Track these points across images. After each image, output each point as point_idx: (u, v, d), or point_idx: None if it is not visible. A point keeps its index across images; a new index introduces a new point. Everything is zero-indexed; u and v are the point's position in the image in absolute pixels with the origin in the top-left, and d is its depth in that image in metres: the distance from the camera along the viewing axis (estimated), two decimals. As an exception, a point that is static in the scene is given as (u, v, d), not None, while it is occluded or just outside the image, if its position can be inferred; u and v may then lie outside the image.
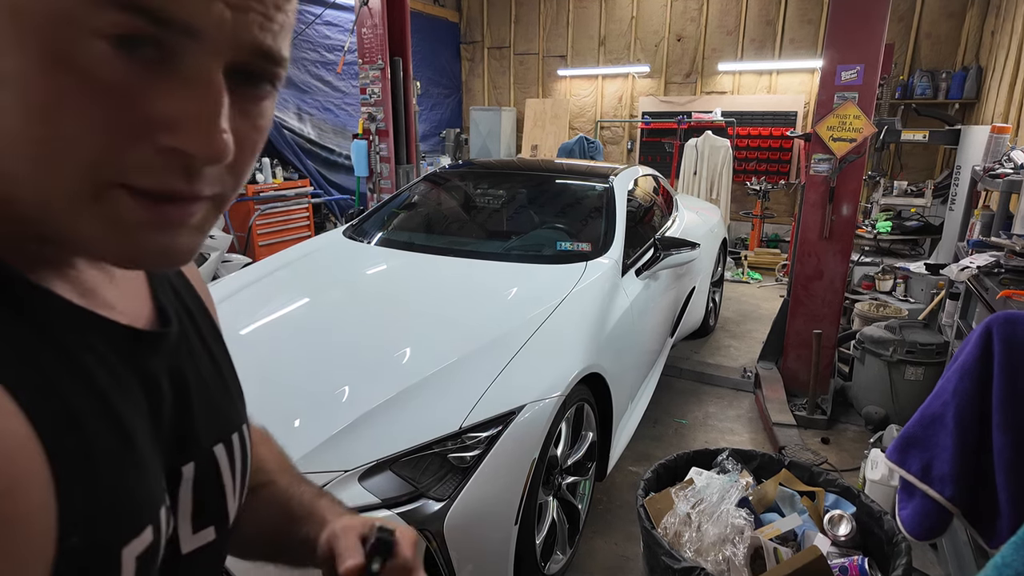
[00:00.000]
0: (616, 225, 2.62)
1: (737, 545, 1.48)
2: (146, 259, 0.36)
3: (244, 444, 0.54)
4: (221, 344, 0.55)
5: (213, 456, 0.49)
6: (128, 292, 0.44)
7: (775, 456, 1.82)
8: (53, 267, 0.38)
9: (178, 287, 0.52)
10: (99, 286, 0.41)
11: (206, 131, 0.32)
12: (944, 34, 6.02)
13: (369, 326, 1.98)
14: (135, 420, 0.39)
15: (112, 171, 0.32)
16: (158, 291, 0.48)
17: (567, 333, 1.97)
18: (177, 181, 0.33)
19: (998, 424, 1.44)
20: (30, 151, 0.31)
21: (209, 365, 0.51)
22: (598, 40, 7.57)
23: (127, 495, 0.37)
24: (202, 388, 0.48)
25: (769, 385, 3.23)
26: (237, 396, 0.55)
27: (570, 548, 1.97)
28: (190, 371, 0.47)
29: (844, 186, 2.98)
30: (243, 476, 0.53)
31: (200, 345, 0.51)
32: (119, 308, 0.42)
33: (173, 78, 0.32)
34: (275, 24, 0.35)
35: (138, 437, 0.39)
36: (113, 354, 0.39)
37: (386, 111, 4.41)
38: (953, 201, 4.25)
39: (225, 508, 0.50)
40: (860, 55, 2.83)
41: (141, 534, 0.37)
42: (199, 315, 0.53)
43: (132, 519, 0.37)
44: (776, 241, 6.75)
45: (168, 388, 0.44)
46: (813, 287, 3.15)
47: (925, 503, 1.58)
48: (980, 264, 2.29)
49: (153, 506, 0.39)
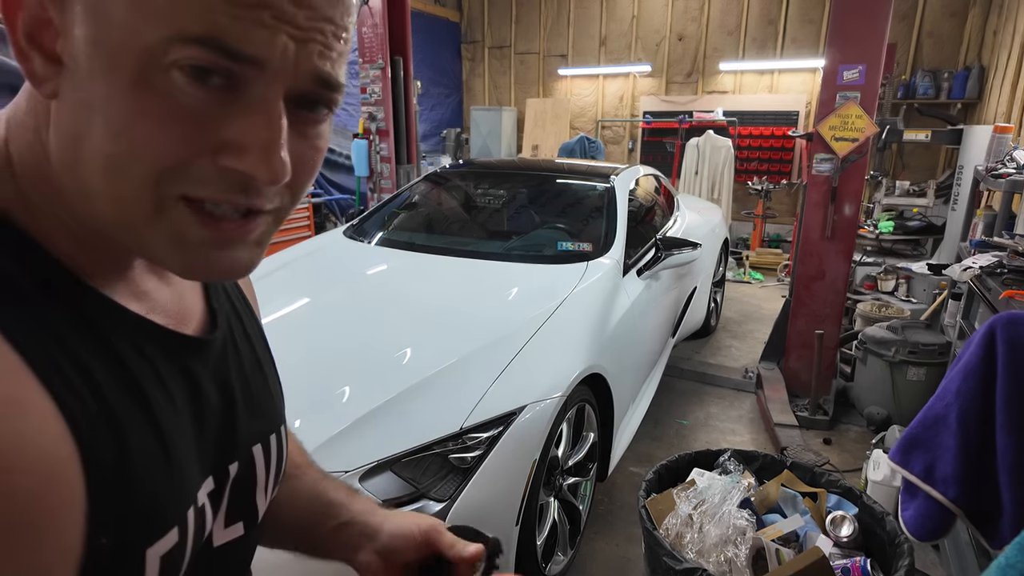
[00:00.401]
0: (617, 225, 2.62)
1: (739, 546, 1.47)
2: (208, 273, 0.39)
3: (281, 444, 0.55)
4: (265, 344, 0.57)
5: (251, 456, 0.51)
6: (183, 296, 0.47)
7: (777, 457, 1.81)
8: (112, 271, 0.40)
9: (230, 289, 0.55)
10: (154, 290, 0.44)
11: (266, 156, 0.35)
12: (946, 33, 6.01)
13: (369, 326, 1.98)
14: (176, 423, 0.41)
15: (174, 186, 0.35)
16: (211, 295, 0.50)
17: (568, 333, 1.96)
18: (236, 196, 0.36)
19: (1001, 425, 1.44)
20: (106, 166, 0.34)
21: (253, 367, 0.53)
22: (599, 39, 7.57)
23: (157, 497, 0.38)
24: (246, 390, 0.51)
25: (771, 386, 3.23)
26: (278, 396, 0.57)
27: (571, 549, 1.97)
28: (235, 374, 0.50)
29: (846, 186, 2.97)
30: (276, 475, 0.55)
31: (247, 347, 0.53)
32: (172, 312, 0.45)
33: (238, 104, 0.34)
34: (334, 52, 0.37)
35: (177, 440, 0.41)
36: (161, 358, 0.41)
37: (386, 111, 4.41)
38: (955, 201, 4.24)
39: (255, 506, 0.52)
40: (862, 54, 2.82)
41: (167, 535, 0.38)
42: (247, 317, 0.55)
43: (159, 521, 0.38)
44: (778, 241, 6.74)
45: (214, 392, 0.46)
46: (815, 287, 3.14)
47: (928, 504, 1.57)
48: (983, 264, 2.28)
49: (181, 508, 0.40)
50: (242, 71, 0.34)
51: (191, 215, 0.36)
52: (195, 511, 0.42)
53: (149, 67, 0.32)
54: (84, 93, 0.33)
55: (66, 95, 0.34)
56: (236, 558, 0.51)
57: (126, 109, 0.33)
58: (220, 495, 0.47)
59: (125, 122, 0.33)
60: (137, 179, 0.34)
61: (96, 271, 0.39)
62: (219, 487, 0.46)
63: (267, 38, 0.33)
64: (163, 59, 0.32)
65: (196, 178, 0.35)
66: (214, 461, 0.46)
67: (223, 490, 0.47)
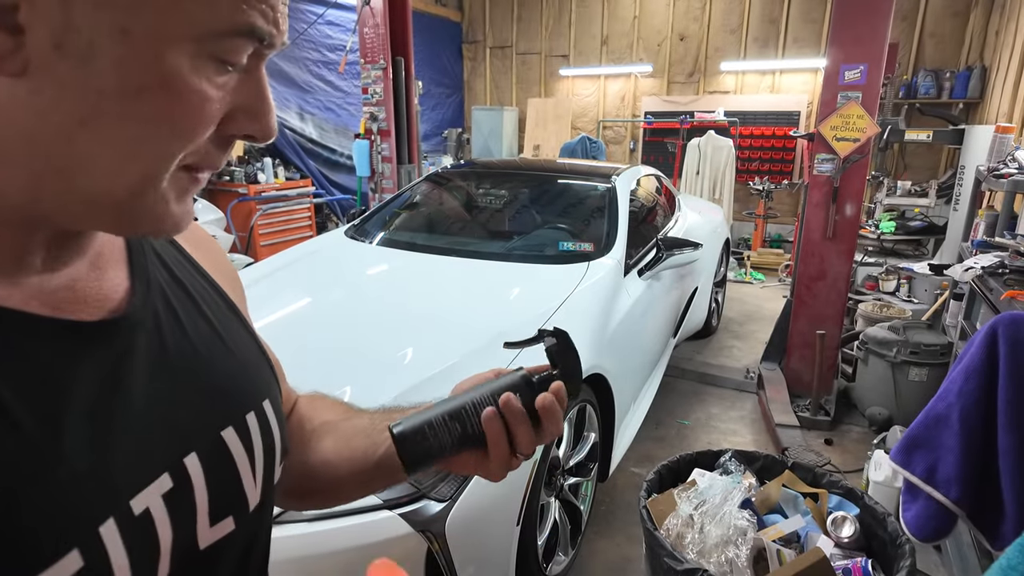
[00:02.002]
0: (618, 225, 2.61)
1: (740, 547, 1.47)
2: (182, 225, 0.39)
3: (265, 421, 0.50)
4: (232, 314, 0.52)
5: (222, 441, 0.45)
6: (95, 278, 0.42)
7: (778, 457, 1.81)
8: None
9: (170, 260, 0.49)
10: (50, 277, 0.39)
11: (264, 118, 0.39)
12: (948, 33, 6.00)
13: (370, 326, 1.98)
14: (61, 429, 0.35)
15: (192, 158, 0.37)
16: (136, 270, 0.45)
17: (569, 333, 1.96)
18: (225, 156, 0.39)
19: (1004, 425, 1.43)
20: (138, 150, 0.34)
21: (208, 342, 0.47)
22: (600, 39, 7.56)
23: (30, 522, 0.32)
24: (193, 369, 0.45)
25: (772, 386, 3.22)
26: (254, 371, 0.51)
27: (572, 549, 1.97)
28: (176, 353, 0.44)
29: (847, 186, 2.97)
30: (267, 456, 0.50)
31: (197, 321, 0.47)
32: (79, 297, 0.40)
33: (242, 78, 0.37)
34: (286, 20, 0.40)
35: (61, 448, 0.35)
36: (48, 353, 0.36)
37: (388, 111, 4.41)
38: (957, 201, 4.24)
39: (242, 495, 0.47)
40: (864, 54, 2.82)
41: (59, 562, 0.33)
42: (195, 285, 0.50)
43: (41, 548, 0.33)
44: (779, 241, 6.73)
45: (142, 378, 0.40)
46: (816, 287, 3.14)
47: (929, 505, 1.57)
48: (984, 264, 2.28)
49: (82, 525, 0.35)
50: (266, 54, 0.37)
51: (188, 177, 0.38)
52: (121, 522, 0.36)
53: (190, 56, 0.33)
54: (102, 79, 0.32)
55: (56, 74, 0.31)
56: (232, 557, 0.46)
57: (164, 97, 0.33)
58: (185, 493, 0.41)
59: (163, 110, 0.34)
60: (168, 159, 0.35)
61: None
62: (180, 484, 0.41)
63: (281, 18, 0.37)
64: (204, 49, 0.34)
65: (208, 148, 0.37)
66: (162, 456, 0.40)
67: (187, 486, 0.41)
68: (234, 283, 0.58)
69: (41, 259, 0.38)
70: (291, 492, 0.62)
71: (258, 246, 5.12)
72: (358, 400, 1.59)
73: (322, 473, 0.62)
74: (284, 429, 0.53)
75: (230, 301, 0.53)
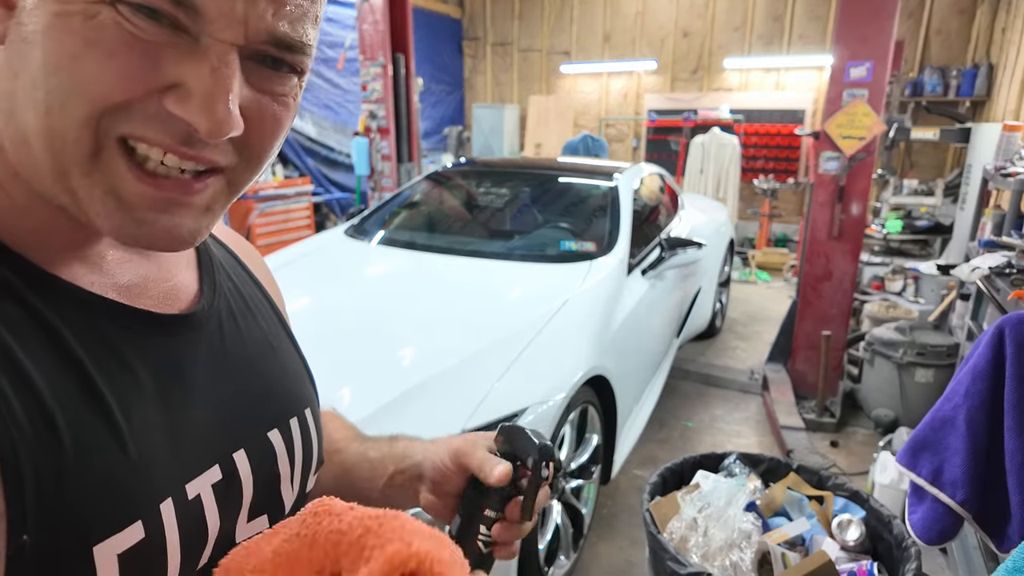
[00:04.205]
0: (621, 224, 2.59)
1: (744, 550, 1.45)
2: (145, 239, 0.36)
3: (306, 429, 0.52)
4: (280, 326, 0.55)
5: (268, 442, 0.47)
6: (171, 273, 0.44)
7: (783, 460, 1.79)
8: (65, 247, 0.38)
9: (228, 265, 0.52)
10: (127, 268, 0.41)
11: (210, 106, 0.33)
12: (954, 31, 5.96)
13: (370, 327, 1.96)
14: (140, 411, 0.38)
15: (115, 125, 0.33)
16: (204, 271, 0.48)
17: (571, 334, 1.95)
18: (177, 144, 0.34)
19: (1010, 427, 1.42)
20: (46, 101, 0.32)
21: (260, 346, 0.50)
22: (603, 36, 7.53)
23: (103, 492, 0.35)
24: (250, 371, 0.47)
25: (777, 387, 3.20)
26: (298, 379, 0.54)
27: (574, 552, 1.95)
28: (234, 353, 0.47)
29: (853, 185, 2.94)
30: (305, 462, 0.51)
31: (251, 325, 0.50)
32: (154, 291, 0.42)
33: (189, 52, 0.33)
34: (290, 7, 0.35)
35: (141, 429, 0.38)
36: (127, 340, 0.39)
37: (387, 108, 4.40)
38: (964, 200, 4.20)
39: (279, 496, 0.48)
40: (869, 52, 2.79)
41: (123, 531, 0.35)
42: (250, 293, 0.52)
43: (108, 516, 0.35)
44: (784, 241, 6.70)
45: (203, 373, 0.43)
46: (822, 288, 3.11)
47: (936, 507, 1.55)
48: (991, 264, 2.26)
49: (145, 501, 0.37)
50: (186, 18, 0.33)
51: (126, 166, 0.34)
52: (178, 504, 0.39)
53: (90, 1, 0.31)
54: (26, 28, 0.32)
55: (12, 38, 0.33)
56: None
57: (70, 40, 0.31)
58: (233, 486, 0.43)
59: (69, 54, 0.31)
60: (78, 115, 0.32)
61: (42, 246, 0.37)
62: (228, 477, 0.43)
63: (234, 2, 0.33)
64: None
65: (139, 117, 0.33)
66: (214, 448, 0.43)
67: (236, 480, 0.44)
68: (275, 290, 0.60)
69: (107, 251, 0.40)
70: None
71: (256, 245, 5.08)
72: (358, 400, 1.58)
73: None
74: (322, 439, 0.55)
75: (280, 313, 0.56)
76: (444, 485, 0.55)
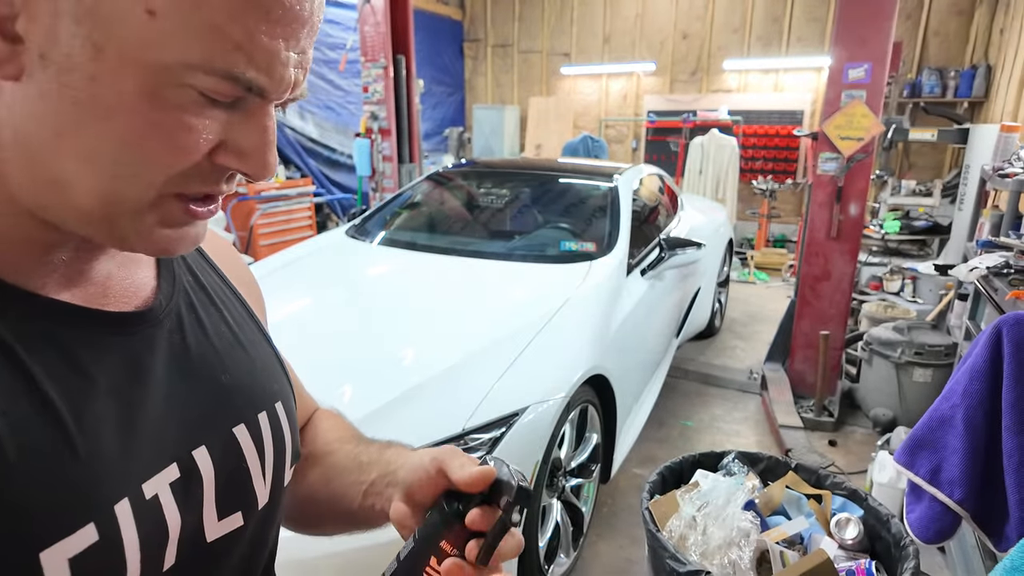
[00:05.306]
0: (621, 224, 2.60)
1: (743, 548, 1.46)
2: (172, 250, 0.40)
3: (277, 423, 0.51)
4: (251, 320, 0.55)
5: (233, 438, 0.47)
6: (129, 272, 0.45)
7: (782, 459, 1.80)
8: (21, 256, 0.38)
9: (192, 262, 0.52)
10: (82, 272, 0.42)
11: (263, 159, 0.39)
12: (953, 32, 5.97)
13: (371, 326, 1.97)
14: (93, 410, 0.38)
15: (175, 186, 0.37)
16: (163, 268, 0.48)
17: (571, 334, 1.95)
18: (222, 187, 0.40)
19: (1008, 426, 1.42)
20: (112, 169, 0.35)
21: (225, 342, 0.50)
22: (603, 37, 7.54)
23: (47, 494, 0.34)
24: (211, 366, 0.47)
25: (776, 387, 3.21)
26: (269, 373, 0.53)
27: (574, 551, 1.96)
28: (195, 349, 0.46)
29: (852, 185, 2.95)
30: (277, 457, 0.51)
31: (216, 320, 0.50)
32: (113, 290, 0.43)
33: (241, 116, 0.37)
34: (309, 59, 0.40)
35: (95, 429, 0.37)
36: (80, 340, 0.39)
37: (388, 109, 4.41)
38: (962, 201, 4.21)
39: (251, 492, 0.48)
40: (868, 53, 2.80)
41: (72, 535, 0.35)
42: (217, 289, 0.53)
43: (57, 519, 0.34)
44: (783, 241, 6.71)
45: (162, 368, 0.43)
46: (820, 288, 3.12)
47: (933, 506, 1.56)
48: (989, 265, 2.26)
49: (99, 501, 0.37)
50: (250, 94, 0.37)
51: (180, 206, 0.38)
52: (135, 504, 0.38)
53: (165, 83, 0.33)
54: (78, 92, 0.33)
55: (40, 83, 0.33)
56: (240, 553, 0.48)
57: (139, 120, 0.34)
58: (192, 484, 0.43)
59: (137, 132, 0.34)
60: (146, 182, 0.36)
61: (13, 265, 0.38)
62: (187, 475, 0.43)
63: (277, 72, 0.36)
64: (181, 79, 0.34)
65: (196, 176, 0.37)
66: (172, 446, 0.42)
67: (196, 478, 0.43)
68: (252, 289, 0.61)
69: (69, 254, 0.40)
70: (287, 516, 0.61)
71: (258, 246, 5.11)
72: (359, 399, 1.59)
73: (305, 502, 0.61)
74: (296, 433, 0.55)
75: (248, 306, 0.56)
76: (417, 493, 0.49)
